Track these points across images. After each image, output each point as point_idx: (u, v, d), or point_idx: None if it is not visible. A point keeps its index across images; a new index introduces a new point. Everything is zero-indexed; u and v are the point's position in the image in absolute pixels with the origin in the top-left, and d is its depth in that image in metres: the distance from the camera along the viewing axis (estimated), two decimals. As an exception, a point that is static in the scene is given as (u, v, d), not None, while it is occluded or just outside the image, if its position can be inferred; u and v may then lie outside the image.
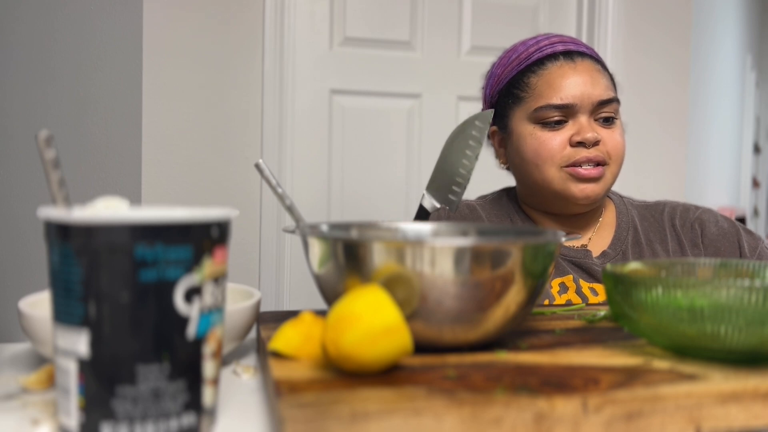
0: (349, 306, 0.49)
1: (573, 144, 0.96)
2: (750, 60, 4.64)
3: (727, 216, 1.08)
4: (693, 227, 1.05)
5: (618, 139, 0.98)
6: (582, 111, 0.96)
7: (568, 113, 0.96)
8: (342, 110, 1.99)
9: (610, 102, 0.97)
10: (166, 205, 1.30)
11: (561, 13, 2.18)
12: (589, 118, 0.97)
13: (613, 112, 0.98)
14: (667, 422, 0.46)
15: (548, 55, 0.98)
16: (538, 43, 1.00)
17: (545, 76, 0.97)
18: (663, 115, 2.23)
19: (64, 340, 0.42)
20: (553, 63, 0.97)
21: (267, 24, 1.87)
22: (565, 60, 0.97)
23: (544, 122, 0.96)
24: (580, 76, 0.96)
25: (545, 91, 0.96)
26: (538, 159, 0.97)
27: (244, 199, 1.89)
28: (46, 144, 0.45)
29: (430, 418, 0.42)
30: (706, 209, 1.08)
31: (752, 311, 0.50)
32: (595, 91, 0.96)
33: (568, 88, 0.95)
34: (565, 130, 0.96)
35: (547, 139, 0.96)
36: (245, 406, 0.52)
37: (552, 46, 0.99)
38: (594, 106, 0.96)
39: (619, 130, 0.99)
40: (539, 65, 0.98)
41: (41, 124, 1.74)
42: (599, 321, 0.70)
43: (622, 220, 1.06)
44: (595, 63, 0.99)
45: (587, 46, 1.02)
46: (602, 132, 0.97)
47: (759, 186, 5.41)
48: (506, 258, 0.54)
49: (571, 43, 1.00)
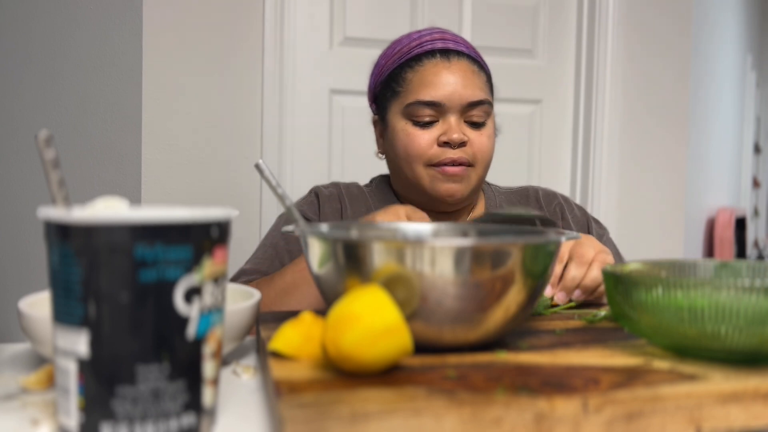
0: (349, 306, 0.49)
1: (440, 143, 0.98)
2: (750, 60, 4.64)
3: (580, 205, 1.16)
4: (555, 210, 1.11)
5: (485, 141, 1.00)
6: (451, 111, 0.97)
7: (438, 112, 0.97)
8: (342, 110, 1.99)
9: (480, 104, 0.98)
10: (166, 205, 1.30)
11: (561, 13, 2.18)
12: (458, 119, 0.98)
13: (483, 114, 0.99)
14: (668, 422, 0.46)
15: (426, 52, 0.99)
16: (420, 38, 1.02)
17: (420, 72, 0.98)
18: (663, 114, 2.23)
19: (63, 340, 0.42)
20: (429, 60, 0.98)
21: (267, 24, 1.87)
22: (441, 58, 0.98)
23: (416, 120, 0.98)
24: (453, 76, 0.97)
25: (417, 88, 0.98)
26: (408, 156, 0.99)
27: (244, 199, 1.89)
28: (46, 144, 0.45)
29: (430, 419, 0.42)
30: (565, 197, 1.15)
31: (752, 311, 0.50)
32: (465, 92, 0.97)
33: (439, 87, 0.97)
34: (434, 129, 0.98)
35: (417, 137, 0.98)
36: (245, 406, 0.52)
37: (432, 42, 1.00)
38: (464, 107, 0.97)
39: (487, 132, 1.00)
40: (416, 61, 0.99)
41: (41, 124, 1.74)
42: (600, 321, 0.70)
43: (489, 205, 1.11)
44: (471, 63, 1.00)
45: (469, 46, 1.03)
46: (470, 133, 0.99)
47: (759, 186, 5.40)
48: (506, 258, 0.54)
49: (452, 41, 1.01)
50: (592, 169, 2.16)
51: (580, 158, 2.19)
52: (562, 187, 2.20)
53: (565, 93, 2.21)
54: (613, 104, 2.16)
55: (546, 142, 2.21)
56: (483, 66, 1.03)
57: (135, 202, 1.77)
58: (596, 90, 2.14)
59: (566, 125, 2.22)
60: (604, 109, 2.14)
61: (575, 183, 2.21)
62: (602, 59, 2.14)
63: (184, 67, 1.83)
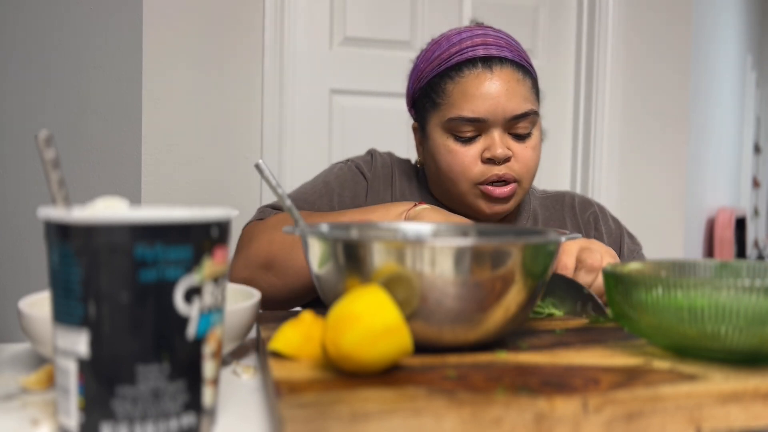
0: (349, 306, 0.49)
1: (484, 160, 0.94)
2: (750, 60, 4.64)
3: (616, 218, 1.13)
4: (589, 220, 1.09)
5: (530, 155, 0.96)
6: (494, 125, 0.94)
7: (480, 127, 0.94)
8: (342, 110, 1.99)
9: (525, 116, 0.94)
10: (166, 205, 1.30)
11: (561, 13, 2.18)
12: (502, 133, 0.94)
13: (529, 125, 0.95)
14: (668, 422, 0.46)
15: (467, 60, 0.94)
16: (461, 43, 0.96)
17: (461, 84, 0.94)
18: (663, 115, 2.23)
19: (63, 340, 0.42)
20: (470, 71, 0.94)
21: (267, 24, 1.87)
22: (483, 68, 0.93)
23: (457, 135, 0.95)
24: (496, 87, 0.93)
25: (458, 101, 0.94)
26: (451, 173, 0.96)
27: (244, 199, 1.89)
28: (46, 144, 0.45)
29: (430, 419, 0.42)
30: (601, 206, 1.13)
31: (752, 311, 0.50)
32: (509, 105, 0.93)
33: (482, 101, 0.92)
34: (477, 145, 0.94)
35: (460, 155, 0.94)
36: (245, 406, 0.52)
37: (474, 48, 0.95)
38: (507, 120, 0.94)
39: (532, 143, 0.97)
40: (457, 71, 0.94)
41: (41, 124, 1.74)
42: (604, 323, 0.70)
43: (523, 209, 1.09)
44: (516, 70, 0.95)
45: (512, 49, 0.97)
46: (514, 147, 0.95)
47: (759, 186, 5.41)
48: (506, 258, 0.54)
49: (494, 47, 0.95)
50: (592, 169, 2.16)
51: (580, 158, 2.19)
52: (561, 187, 2.20)
53: (565, 93, 2.21)
54: (613, 104, 2.16)
55: (546, 142, 2.20)
56: (528, 69, 0.98)
57: (135, 202, 1.77)
58: (596, 90, 2.14)
59: (566, 125, 2.22)
60: (604, 109, 2.14)
61: (575, 183, 2.21)
62: (602, 59, 2.14)
63: (184, 67, 1.83)
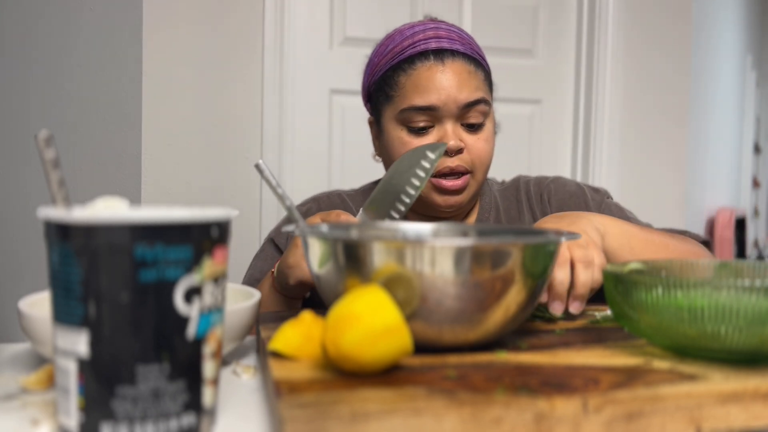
0: (349, 306, 0.49)
1: None
2: (750, 60, 4.64)
3: (576, 181, 1.11)
4: (542, 198, 1.07)
5: (483, 146, 0.97)
6: (447, 115, 0.94)
7: (433, 117, 0.94)
8: (342, 110, 1.99)
9: (476, 103, 0.95)
10: (166, 205, 1.30)
11: (561, 13, 2.18)
12: (455, 124, 0.95)
13: (480, 115, 0.96)
14: (668, 422, 0.46)
15: (419, 53, 0.95)
16: (413, 36, 0.97)
17: (413, 76, 0.95)
18: (663, 114, 2.23)
19: (63, 340, 0.42)
20: (422, 63, 0.95)
21: (267, 24, 1.87)
22: (435, 60, 0.94)
23: (410, 126, 0.95)
24: (447, 79, 0.94)
25: (410, 93, 0.94)
26: None
27: (244, 199, 1.89)
28: (46, 144, 0.45)
29: (430, 419, 0.42)
30: (555, 178, 1.10)
31: (752, 311, 0.50)
32: (461, 95, 0.93)
33: (433, 91, 0.93)
34: (429, 137, 0.95)
35: (411, 145, 0.95)
36: (245, 406, 0.52)
37: (426, 42, 0.96)
38: (459, 110, 0.94)
39: (485, 135, 0.97)
40: (409, 63, 0.95)
41: (41, 124, 1.74)
42: (604, 323, 0.70)
43: (484, 202, 1.08)
44: (467, 62, 0.96)
45: (464, 42, 0.98)
46: (467, 139, 0.95)
47: (759, 186, 5.41)
48: (506, 258, 0.54)
49: (446, 40, 0.96)
50: (592, 169, 2.16)
51: (580, 158, 2.19)
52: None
53: (565, 93, 2.22)
54: (613, 104, 2.16)
55: (546, 142, 2.21)
56: (480, 62, 0.99)
57: (135, 202, 1.77)
58: (596, 90, 2.14)
59: (566, 125, 2.22)
60: (604, 109, 2.14)
61: (575, 183, 2.21)
62: (602, 59, 2.14)
63: (184, 67, 1.83)
